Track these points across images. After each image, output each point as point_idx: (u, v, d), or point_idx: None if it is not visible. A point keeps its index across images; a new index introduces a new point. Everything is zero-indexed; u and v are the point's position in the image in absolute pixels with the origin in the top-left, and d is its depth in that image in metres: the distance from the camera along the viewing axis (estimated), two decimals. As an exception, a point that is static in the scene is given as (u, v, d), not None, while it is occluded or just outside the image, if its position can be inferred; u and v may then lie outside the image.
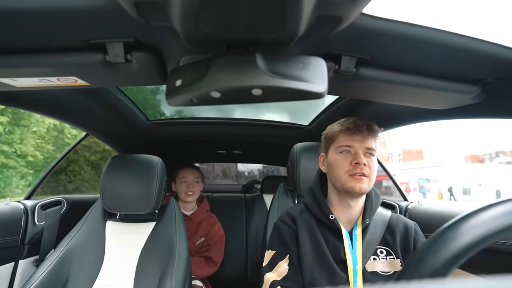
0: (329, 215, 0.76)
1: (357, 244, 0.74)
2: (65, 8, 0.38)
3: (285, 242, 0.77)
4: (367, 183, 0.72)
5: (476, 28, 0.44)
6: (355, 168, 0.72)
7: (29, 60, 0.49)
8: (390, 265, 0.73)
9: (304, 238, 0.76)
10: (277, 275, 0.72)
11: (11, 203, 1.11)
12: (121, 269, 1.00)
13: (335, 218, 0.76)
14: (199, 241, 1.52)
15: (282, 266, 0.73)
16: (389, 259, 0.74)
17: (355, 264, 0.72)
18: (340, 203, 0.78)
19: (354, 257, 0.73)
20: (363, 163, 0.72)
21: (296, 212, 0.82)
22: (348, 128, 0.76)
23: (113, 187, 1.01)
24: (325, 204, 0.78)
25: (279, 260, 0.75)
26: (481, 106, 0.68)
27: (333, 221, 0.76)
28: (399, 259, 0.73)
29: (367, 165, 0.73)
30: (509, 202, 0.31)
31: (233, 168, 4.58)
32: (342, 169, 0.74)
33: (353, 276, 0.71)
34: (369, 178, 0.73)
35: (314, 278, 0.70)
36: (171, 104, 0.39)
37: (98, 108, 1.05)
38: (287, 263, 0.73)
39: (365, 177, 0.72)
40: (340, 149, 0.76)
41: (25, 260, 1.09)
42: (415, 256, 0.31)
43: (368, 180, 0.73)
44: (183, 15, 0.33)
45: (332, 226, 0.76)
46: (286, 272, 0.72)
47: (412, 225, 0.79)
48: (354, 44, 0.48)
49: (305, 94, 0.36)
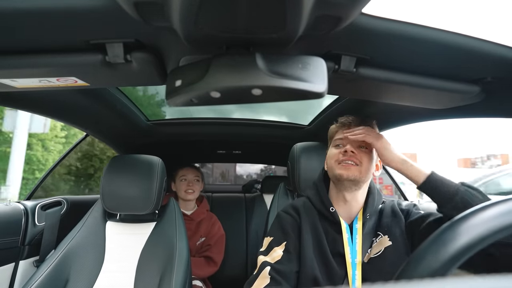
0: (329, 208, 0.79)
1: (357, 238, 0.76)
2: (65, 9, 0.38)
3: (284, 230, 0.79)
4: (356, 171, 0.75)
5: (476, 28, 0.44)
6: (344, 155, 0.77)
7: (29, 60, 0.49)
8: (379, 244, 0.75)
9: (306, 229, 0.78)
10: (271, 258, 0.74)
11: (12, 203, 1.11)
12: (121, 270, 1.00)
13: (335, 211, 0.78)
14: (200, 241, 1.52)
15: (277, 251, 0.75)
16: (378, 240, 0.76)
17: (354, 257, 0.73)
18: (337, 197, 0.81)
19: (353, 250, 0.74)
20: (351, 151, 0.76)
21: (300, 204, 0.85)
22: (342, 124, 0.82)
23: (113, 187, 1.01)
24: (326, 197, 0.81)
25: (275, 246, 0.77)
26: (481, 105, 0.68)
27: (333, 214, 0.78)
28: (386, 235, 0.75)
29: (357, 155, 0.76)
30: (508, 202, 0.31)
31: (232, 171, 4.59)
32: (334, 159, 0.79)
33: (352, 270, 0.72)
34: (360, 167, 0.76)
35: (313, 269, 0.72)
36: (171, 104, 0.39)
37: (98, 109, 1.05)
38: (283, 249, 0.75)
39: (354, 166, 0.76)
40: (335, 143, 0.82)
41: (26, 261, 1.09)
42: (414, 256, 0.31)
43: (358, 168, 0.75)
44: (183, 15, 0.33)
45: (332, 218, 0.78)
46: (279, 257, 0.73)
47: (395, 203, 0.83)
48: (353, 44, 0.48)
49: (305, 94, 0.36)
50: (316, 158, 1.09)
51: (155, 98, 1.73)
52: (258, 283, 0.70)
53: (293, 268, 0.73)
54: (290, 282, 0.71)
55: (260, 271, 0.72)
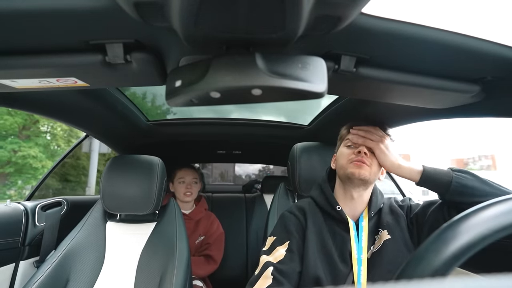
0: (335, 206, 0.80)
1: (363, 235, 0.77)
2: (64, 9, 0.38)
3: (288, 229, 0.80)
4: (367, 171, 0.77)
5: (476, 27, 0.44)
6: (357, 156, 0.78)
7: (29, 61, 0.48)
8: (380, 239, 0.77)
9: (311, 229, 0.79)
10: (273, 258, 0.75)
11: (12, 204, 1.11)
12: (121, 270, 1.00)
13: (341, 209, 0.79)
14: (199, 239, 1.53)
15: (280, 251, 0.76)
16: (379, 236, 0.78)
17: (360, 254, 0.75)
18: (344, 195, 0.82)
19: (359, 247, 0.76)
20: (365, 152, 0.78)
21: (305, 205, 0.86)
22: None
23: (113, 187, 1.01)
24: (332, 196, 0.82)
25: (278, 245, 0.77)
26: (481, 105, 0.68)
27: (339, 212, 0.79)
28: (385, 230, 0.77)
29: (369, 157, 0.78)
30: (510, 201, 0.31)
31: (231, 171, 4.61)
32: (346, 158, 0.80)
33: (357, 266, 0.74)
34: (370, 168, 0.78)
35: (316, 269, 0.73)
36: (170, 104, 0.39)
37: (98, 109, 1.05)
38: (285, 249, 0.76)
39: (366, 165, 0.77)
40: (346, 143, 0.83)
41: (26, 261, 1.10)
42: (415, 255, 0.31)
43: (369, 169, 0.77)
44: (183, 16, 0.33)
45: (338, 217, 0.79)
46: (282, 256, 0.74)
47: (392, 200, 0.86)
48: (353, 43, 0.48)
49: (305, 94, 0.36)
50: (316, 158, 1.09)
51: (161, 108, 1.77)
52: (260, 283, 0.70)
53: (295, 268, 0.73)
54: (292, 282, 0.72)
55: (263, 271, 0.72)
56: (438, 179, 0.72)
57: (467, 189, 0.68)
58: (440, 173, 0.73)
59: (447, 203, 0.73)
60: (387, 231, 0.77)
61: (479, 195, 0.67)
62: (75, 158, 8.06)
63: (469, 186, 0.68)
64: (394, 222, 0.79)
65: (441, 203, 0.75)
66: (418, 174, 0.74)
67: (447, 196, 0.71)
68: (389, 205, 0.84)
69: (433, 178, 0.72)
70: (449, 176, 0.71)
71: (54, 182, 7.40)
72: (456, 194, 0.69)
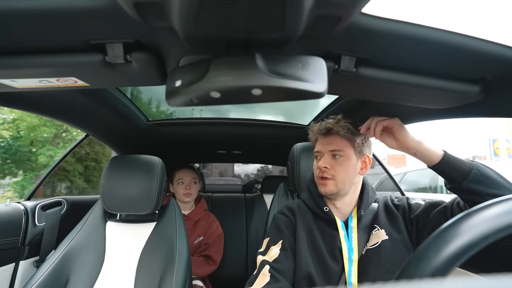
0: (323, 207, 0.81)
1: (352, 236, 0.78)
2: (64, 9, 0.38)
3: (280, 229, 0.82)
4: (332, 185, 0.78)
5: (476, 27, 0.44)
6: (320, 172, 0.79)
7: (29, 61, 0.48)
8: (376, 237, 0.77)
9: (301, 228, 0.80)
10: (269, 257, 0.77)
11: (12, 204, 1.11)
12: (121, 270, 1.00)
13: (329, 210, 0.81)
14: (197, 240, 1.53)
15: (274, 250, 0.78)
16: (375, 232, 0.78)
17: (351, 254, 0.76)
18: (329, 201, 0.83)
19: (350, 247, 0.77)
20: (324, 166, 0.78)
21: (295, 205, 0.87)
22: (316, 133, 0.84)
23: (113, 187, 1.01)
24: (319, 198, 0.83)
25: (272, 245, 0.79)
26: (481, 105, 0.68)
27: (327, 213, 0.80)
28: (383, 230, 0.77)
29: (331, 167, 0.78)
30: (511, 201, 0.31)
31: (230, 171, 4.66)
32: (315, 173, 0.82)
33: (348, 265, 0.75)
34: (334, 179, 0.78)
35: (308, 266, 0.74)
36: (170, 104, 0.39)
37: (98, 109, 1.05)
38: (279, 248, 0.78)
39: (329, 180, 0.78)
40: (314, 155, 0.85)
41: (26, 261, 1.09)
42: (416, 255, 0.31)
43: (333, 182, 0.78)
44: (183, 16, 0.33)
45: (327, 217, 0.81)
46: (277, 255, 0.76)
47: (388, 199, 0.85)
48: (353, 43, 0.48)
49: (305, 94, 0.36)
50: (316, 158, 1.09)
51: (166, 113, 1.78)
52: (259, 281, 0.71)
53: (290, 265, 0.75)
54: (288, 279, 0.73)
55: (260, 270, 0.74)
56: (459, 165, 0.70)
57: (486, 179, 0.68)
58: (460, 159, 0.72)
59: (461, 192, 0.71)
60: (385, 231, 0.77)
61: (496, 187, 0.67)
62: (98, 162, 9.10)
63: (489, 176, 0.68)
64: (391, 222, 0.79)
65: (444, 205, 0.75)
66: (439, 155, 0.72)
67: (464, 183, 0.68)
68: (384, 203, 0.84)
69: (454, 162, 0.71)
70: (470, 163, 0.70)
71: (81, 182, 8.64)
72: (474, 182, 0.67)
